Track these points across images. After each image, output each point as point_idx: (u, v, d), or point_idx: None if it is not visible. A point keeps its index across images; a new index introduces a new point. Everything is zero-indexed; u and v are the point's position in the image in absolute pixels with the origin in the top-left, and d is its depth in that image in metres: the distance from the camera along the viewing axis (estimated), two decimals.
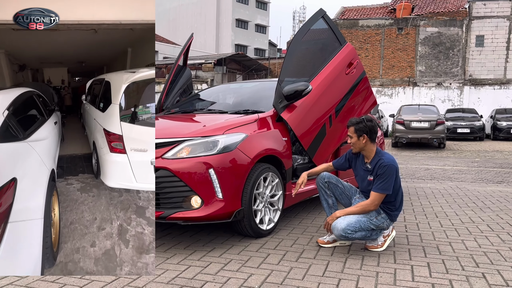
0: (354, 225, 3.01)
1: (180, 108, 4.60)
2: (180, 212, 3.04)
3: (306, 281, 2.56)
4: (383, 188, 3.03)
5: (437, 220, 4.16)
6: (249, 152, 3.30)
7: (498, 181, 6.90)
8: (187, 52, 4.96)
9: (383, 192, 3.04)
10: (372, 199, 3.06)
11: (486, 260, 2.98)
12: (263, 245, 3.26)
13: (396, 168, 3.09)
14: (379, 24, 24.04)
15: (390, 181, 3.04)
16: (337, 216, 3.10)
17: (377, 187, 3.05)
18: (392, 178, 3.05)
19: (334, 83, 4.19)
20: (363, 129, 3.13)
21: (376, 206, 3.07)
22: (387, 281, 2.57)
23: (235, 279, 2.58)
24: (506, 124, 17.11)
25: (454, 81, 22.73)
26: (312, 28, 4.17)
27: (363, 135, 3.13)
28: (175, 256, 3.00)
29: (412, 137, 13.37)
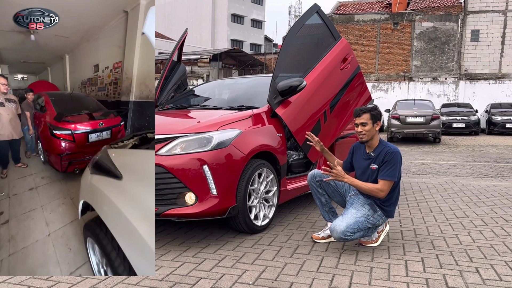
0: (353, 226, 3.00)
1: (174, 104, 4.58)
2: (174, 208, 3.03)
3: (301, 277, 2.56)
4: (391, 175, 3.01)
5: (431, 214, 4.18)
6: (244, 148, 3.29)
7: (492, 176, 6.93)
8: (182, 48, 4.93)
9: (391, 179, 3.02)
10: (381, 187, 3.01)
11: (480, 254, 2.99)
12: (258, 241, 3.26)
13: (401, 156, 3.11)
14: (374, 19, 24.02)
15: (396, 168, 3.04)
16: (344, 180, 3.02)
17: (385, 174, 3.02)
18: (399, 166, 3.05)
19: (328, 78, 4.18)
20: (377, 116, 3.13)
21: (384, 194, 3.02)
22: (381, 276, 2.58)
23: (230, 275, 2.57)
24: (501, 118, 17.19)
25: (450, 76, 22.79)
26: (306, 23, 4.15)
27: (377, 121, 3.13)
28: (169, 252, 3.00)
29: (407, 132, 13.40)
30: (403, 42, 23.59)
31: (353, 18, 24.40)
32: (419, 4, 24.34)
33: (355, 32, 24.24)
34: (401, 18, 23.48)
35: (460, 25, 22.65)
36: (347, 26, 24.27)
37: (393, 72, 23.82)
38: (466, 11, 22.61)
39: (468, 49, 22.73)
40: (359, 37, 24.17)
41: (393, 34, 23.72)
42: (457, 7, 22.84)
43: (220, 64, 26.25)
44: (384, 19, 23.89)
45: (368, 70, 23.75)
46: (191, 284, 2.45)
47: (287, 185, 3.92)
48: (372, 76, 23.77)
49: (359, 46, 23.97)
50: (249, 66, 27.98)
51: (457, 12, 22.73)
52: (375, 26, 23.99)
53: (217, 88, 5.21)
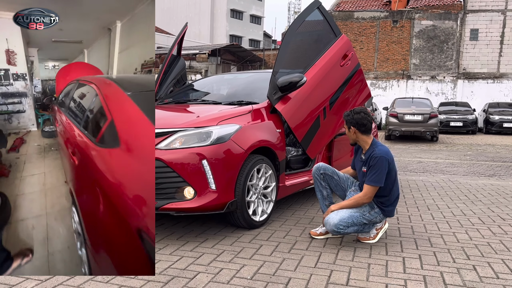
0: (346, 220, 3.01)
1: (173, 99, 4.57)
2: (172, 203, 3.02)
3: (298, 272, 2.56)
4: (375, 181, 3.02)
5: (429, 212, 4.19)
6: (243, 144, 3.29)
7: (489, 175, 6.95)
8: (181, 42, 4.91)
9: (374, 184, 3.02)
10: (365, 192, 3.06)
11: (477, 252, 3.00)
12: (256, 236, 3.26)
13: (388, 160, 3.06)
14: (374, 16, 23.98)
15: (381, 174, 3.02)
16: (331, 210, 3.10)
17: (369, 179, 3.05)
18: (383, 171, 3.02)
19: (328, 74, 4.17)
20: (351, 122, 3.17)
21: (370, 198, 3.06)
22: (378, 272, 2.59)
23: (228, 270, 2.58)
24: (499, 118, 17.23)
25: (448, 75, 22.79)
26: (307, 19, 4.14)
27: (351, 127, 3.17)
28: (167, 247, 3.00)
29: (405, 130, 13.42)
30: (402, 40, 23.57)
31: (352, 15, 24.34)
32: (419, 2, 24.31)
33: (354, 29, 24.19)
34: (400, 16, 23.46)
35: (459, 24, 22.63)
36: (347, 23, 24.21)
37: (392, 70, 23.81)
38: (465, 10, 22.60)
39: (467, 48, 22.73)
40: (358, 35, 24.12)
41: (392, 32, 23.69)
42: (457, 5, 22.83)
43: (219, 59, 26.19)
44: (384, 16, 23.85)
45: (367, 67, 23.72)
46: (189, 278, 2.45)
47: (286, 181, 3.92)
48: (371, 73, 23.75)
49: (358, 43, 23.92)
50: (247, 62, 27.93)
51: (456, 10, 22.71)
52: (375, 24, 23.95)
53: (217, 83, 5.20)
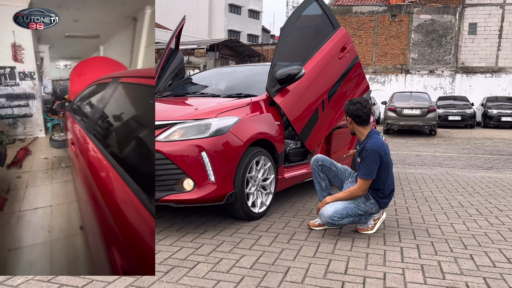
0: (341, 212, 3.04)
1: (172, 92, 4.57)
2: (172, 194, 3.04)
3: (297, 262, 2.59)
4: (366, 174, 3.02)
5: (427, 204, 4.22)
6: (242, 136, 3.30)
7: (487, 168, 6.98)
8: (179, 35, 4.91)
9: (366, 177, 3.03)
10: (359, 185, 3.07)
11: (474, 242, 3.03)
12: (255, 228, 3.28)
13: (379, 153, 3.02)
14: (372, 10, 23.92)
15: (372, 167, 3.00)
16: (326, 202, 3.13)
17: (361, 172, 3.06)
18: (374, 164, 3.00)
19: (327, 67, 4.18)
20: (347, 112, 3.20)
21: (364, 191, 3.07)
22: (376, 262, 2.61)
23: (227, 260, 2.60)
24: (497, 112, 17.27)
25: (446, 69, 22.80)
26: (305, 12, 4.15)
27: (348, 117, 3.21)
28: (167, 238, 3.02)
29: (403, 124, 13.45)
30: (400, 34, 23.53)
31: (351, 10, 24.28)
32: None
33: (353, 23, 24.14)
34: (399, 10, 23.41)
35: (458, 18, 22.60)
36: (345, 18, 24.15)
37: (390, 65, 23.80)
38: (464, 4, 22.56)
39: (465, 42, 22.72)
40: (357, 29, 24.08)
41: (391, 26, 23.66)
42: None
43: (217, 54, 26.10)
44: (382, 11, 23.80)
45: (366, 62, 23.70)
46: (189, 267, 2.47)
47: (285, 174, 3.94)
48: (370, 68, 23.74)
49: (357, 38, 23.88)
50: (246, 57, 27.85)
51: (455, 4, 22.67)
52: (373, 18, 23.90)
53: (215, 76, 5.20)
